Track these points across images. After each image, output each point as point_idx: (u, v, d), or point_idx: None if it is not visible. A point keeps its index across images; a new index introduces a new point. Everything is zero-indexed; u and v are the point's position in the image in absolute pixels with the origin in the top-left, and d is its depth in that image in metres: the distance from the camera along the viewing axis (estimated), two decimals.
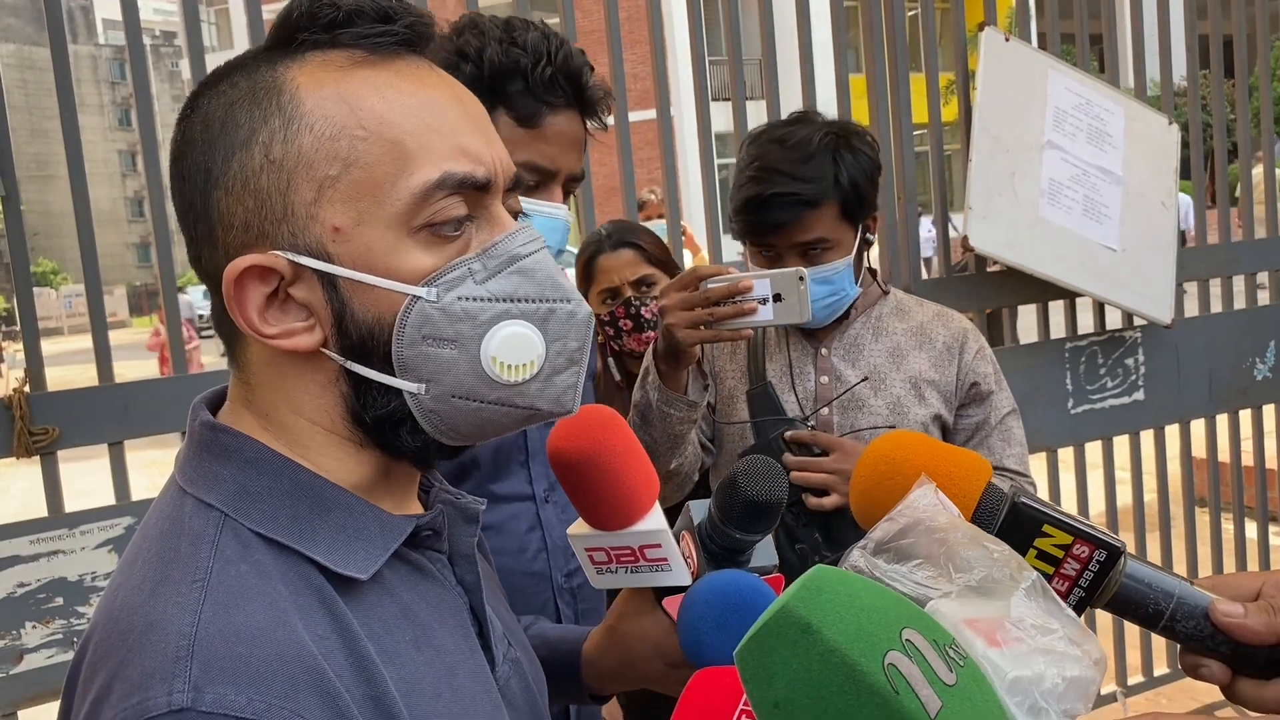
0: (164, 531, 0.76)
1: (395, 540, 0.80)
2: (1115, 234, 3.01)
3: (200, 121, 0.78)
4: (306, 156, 0.75)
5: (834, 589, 0.58)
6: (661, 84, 2.73)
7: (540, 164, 1.47)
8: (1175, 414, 3.37)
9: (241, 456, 0.78)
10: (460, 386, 0.77)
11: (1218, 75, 3.47)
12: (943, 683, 0.54)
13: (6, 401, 2.09)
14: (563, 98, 1.46)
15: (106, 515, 2.17)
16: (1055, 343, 3.16)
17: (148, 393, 2.23)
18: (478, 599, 0.87)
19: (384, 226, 0.75)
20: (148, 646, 0.67)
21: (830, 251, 1.86)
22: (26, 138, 45.90)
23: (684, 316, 1.67)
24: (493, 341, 0.77)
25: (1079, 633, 0.60)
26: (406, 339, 0.76)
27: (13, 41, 48.92)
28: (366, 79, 0.76)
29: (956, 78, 3.10)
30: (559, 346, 0.79)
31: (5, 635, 2.08)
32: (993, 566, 0.62)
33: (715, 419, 2.03)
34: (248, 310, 0.76)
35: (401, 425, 0.78)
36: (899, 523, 0.67)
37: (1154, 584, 0.77)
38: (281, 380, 0.79)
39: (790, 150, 1.85)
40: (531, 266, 0.79)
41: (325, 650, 0.70)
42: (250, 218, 0.76)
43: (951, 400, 1.97)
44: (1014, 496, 0.79)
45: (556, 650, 1.13)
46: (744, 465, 0.96)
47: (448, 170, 0.76)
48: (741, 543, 0.99)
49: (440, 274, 0.76)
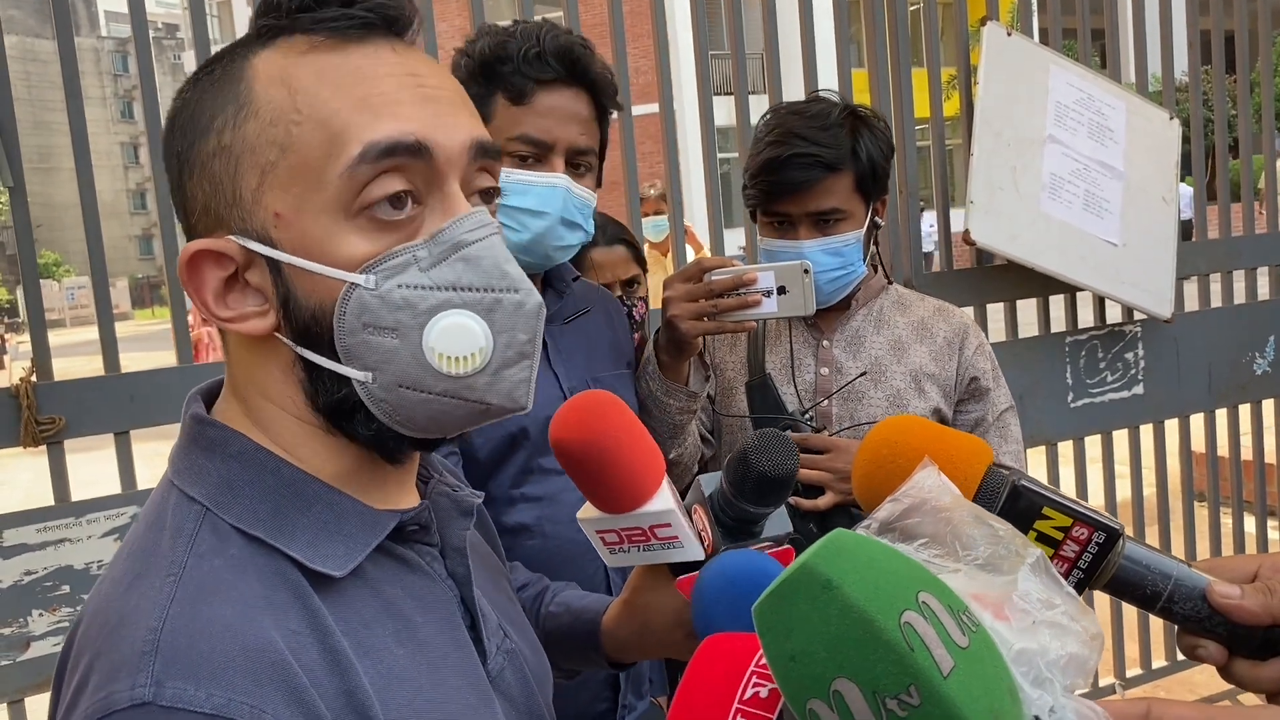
0: (149, 524, 0.77)
1: (377, 537, 0.79)
2: (1116, 229, 3.02)
3: (181, 107, 0.79)
4: (250, 142, 0.75)
5: (854, 550, 0.59)
6: (664, 78, 2.74)
7: (533, 135, 1.53)
8: (1175, 408, 3.39)
9: (226, 450, 0.78)
10: (406, 377, 0.76)
11: (1219, 70, 3.48)
12: (956, 644, 0.55)
13: (13, 391, 2.10)
14: (552, 73, 1.53)
15: (112, 504, 2.18)
16: (1055, 336, 3.17)
17: (153, 382, 2.24)
18: (469, 592, 0.87)
19: (320, 211, 0.74)
20: (120, 639, 0.68)
21: (843, 223, 1.87)
22: (29, 130, 45.81)
23: (688, 308, 1.68)
24: (432, 332, 0.74)
25: (1078, 609, 0.61)
26: (347, 327, 0.75)
27: (15, 34, 48.87)
28: (314, 63, 0.76)
29: (958, 73, 3.11)
30: (507, 339, 0.76)
31: (12, 623, 2.09)
32: (997, 544, 0.63)
33: (715, 410, 2.04)
34: (204, 293, 0.77)
35: (355, 413, 0.78)
36: (903, 503, 0.68)
37: (1152, 566, 0.78)
38: (250, 367, 0.80)
39: (810, 119, 1.87)
40: (478, 254, 0.76)
41: (296, 645, 0.70)
42: (208, 202, 0.77)
43: (950, 395, 1.99)
44: (1014, 479, 0.80)
45: (579, 618, 1.14)
46: (755, 440, 0.97)
47: (369, 140, 0.73)
48: (755, 515, 0.99)
49: (380, 260, 0.74)
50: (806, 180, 1.83)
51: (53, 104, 9.30)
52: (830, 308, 1.95)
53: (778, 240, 1.89)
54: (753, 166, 1.90)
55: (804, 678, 0.58)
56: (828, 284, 1.87)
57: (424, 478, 0.91)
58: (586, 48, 1.57)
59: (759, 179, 1.88)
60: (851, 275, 1.91)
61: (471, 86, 1.52)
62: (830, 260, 1.86)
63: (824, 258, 1.85)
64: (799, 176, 1.83)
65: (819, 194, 1.84)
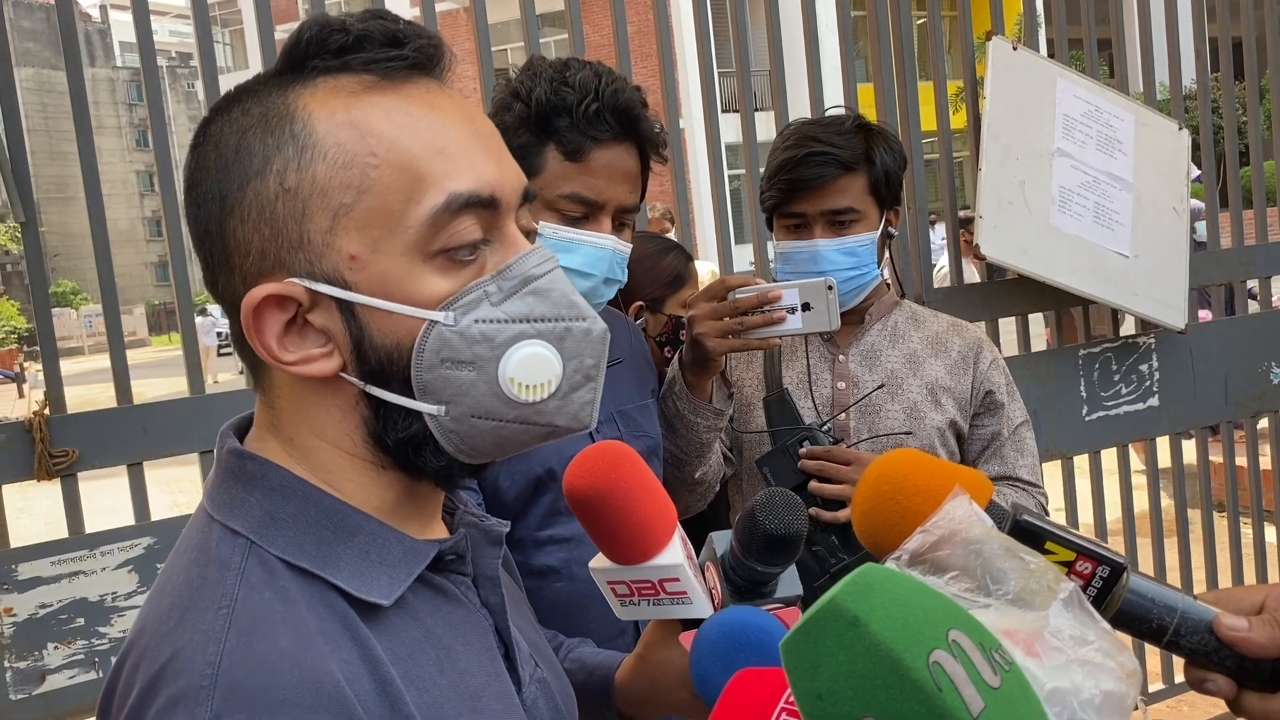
0: (192, 559, 0.77)
1: (419, 565, 0.80)
2: (1127, 240, 3.01)
3: (213, 148, 0.78)
4: (320, 185, 0.75)
5: (883, 586, 0.58)
6: (670, 96, 2.74)
7: (586, 195, 1.51)
8: (1191, 420, 3.36)
9: (268, 484, 0.79)
10: (479, 407, 0.78)
11: (1228, 78, 3.46)
12: (987, 684, 0.54)
13: (27, 425, 2.10)
14: (609, 131, 1.50)
15: (126, 536, 2.18)
16: (1068, 349, 3.15)
17: (166, 413, 2.24)
18: (503, 620, 0.87)
19: (399, 253, 0.76)
20: (175, 674, 0.68)
21: (857, 225, 1.90)
22: (46, 160, 46.20)
23: (713, 326, 1.68)
24: (510, 362, 0.77)
25: (1114, 645, 0.60)
26: (425, 363, 0.76)
27: (31, 65, 49.36)
28: (376, 104, 0.77)
29: (964, 86, 3.11)
30: (576, 364, 0.80)
31: (28, 656, 2.09)
32: (1029, 578, 0.62)
33: (733, 427, 2.04)
34: (266, 338, 0.77)
35: (424, 446, 0.79)
36: (934, 534, 0.67)
37: (1158, 599, 0.77)
38: (304, 405, 0.80)
39: (825, 126, 1.94)
40: (546, 286, 0.79)
41: (350, 675, 0.71)
42: (267, 246, 0.76)
43: (966, 408, 1.99)
44: (1016, 514, 0.79)
45: (593, 675, 1.15)
46: (762, 498, 0.97)
47: (453, 191, 0.76)
48: (764, 575, 0.99)
49: (457, 298, 0.76)
50: (821, 177, 1.87)
51: (69, 134, 9.59)
52: (846, 323, 1.95)
53: (793, 242, 1.91)
54: (769, 169, 1.94)
55: (831, 716, 0.57)
56: (842, 284, 1.87)
57: (449, 509, 0.92)
58: (644, 104, 1.55)
59: (775, 179, 1.92)
60: (866, 277, 1.93)
61: (523, 134, 1.50)
62: (845, 260, 1.89)
63: (838, 256, 1.88)
64: (814, 173, 1.87)
65: (834, 192, 1.88)
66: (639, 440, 1.66)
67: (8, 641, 2.07)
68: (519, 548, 1.52)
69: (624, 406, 1.68)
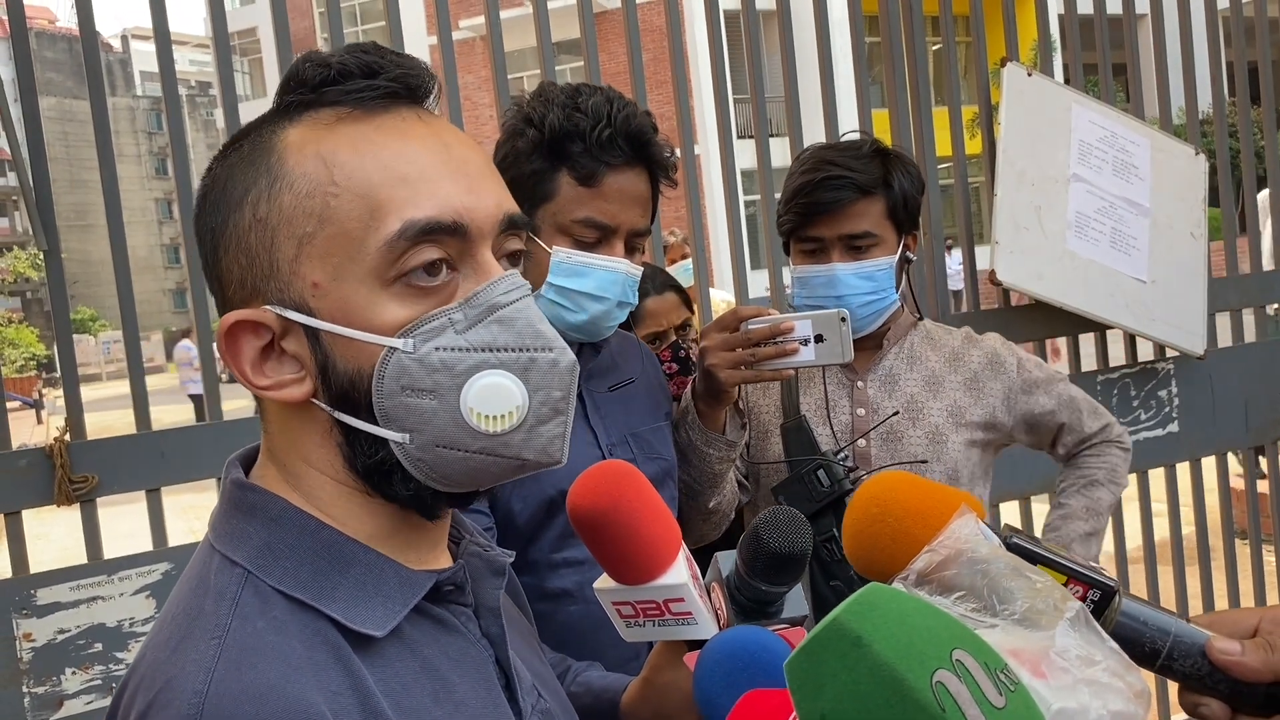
0: (192, 588, 0.79)
1: (414, 596, 0.80)
2: (1144, 265, 3.00)
3: (211, 184, 0.81)
4: (286, 214, 0.77)
5: (886, 605, 0.58)
6: (685, 123, 2.76)
7: (599, 220, 1.52)
8: (1211, 445, 3.33)
9: (267, 514, 0.80)
10: (443, 436, 0.77)
11: (1244, 102, 3.46)
12: (991, 705, 0.54)
13: (48, 451, 2.12)
14: (622, 157, 1.52)
15: (144, 561, 2.19)
16: (1086, 375, 3.13)
17: (184, 439, 2.25)
18: (504, 652, 0.87)
19: (358, 280, 0.76)
20: (164, 704, 0.69)
21: (875, 249, 1.89)
22: (66, 188, 46.78)
23: (726, 357, 1.68)
24: (470, 392, 0.76)
25: (1122, 665, 0.60)
26: (386, 390, 0.76)
27: (54, 95, 50.07)
28: (346, 134, 0.78)
29: (979, 112, 3.11)
30: (542, 396, 0.78)
31: (46, 681, 2.09)
32: (1035, 597, 0.62)
33: (749, 456, 2.03)
34: (241, 363, 0.79)
35: (393, 474, 0.79)
36: (940, 553, 0.67)
37: (1150, 622, 0.77)
38: (290, 432, 0.82)
39: (842, 150, 1.93)
40: (511, 315, 0.78)
41: (338, 707, 0.71)
42: (244, 274, 0.79)
43: (1003, 408, 2.00)
44: (1007, 537, 0.79)
45: (599, 699, 1.14)
46: (766, 517, 0.96)
47: (409, 219, 0.75)
48: (769, 594, 0.98)
49: (418, 324, 0.76)
50: (838, 200, 1.86)
51: (89, 162, 9.69)
52: (863, 349, 1.95)
53: (810, 266, 1.91)
54: (786, 193, 1.94)
55: None
56: (860, 309, 1.87)
57: (455, 538, 0.92)
58: (655, 128, 1.57)
59: (792, 202, 1.91)
60: (884, 302, 1.92)
61: (535, 160, 1.52)
62: (862, 284, 1.88)
63: (856, 281, 1.87)
64: (831, 197, 1.86)
65: (851, 216, 1.87)
66: (653, 463, 1.66)
67: (26, 666, 2.08)
68: (532, 570, 1.52)
69: (638, 429, 1.68)
